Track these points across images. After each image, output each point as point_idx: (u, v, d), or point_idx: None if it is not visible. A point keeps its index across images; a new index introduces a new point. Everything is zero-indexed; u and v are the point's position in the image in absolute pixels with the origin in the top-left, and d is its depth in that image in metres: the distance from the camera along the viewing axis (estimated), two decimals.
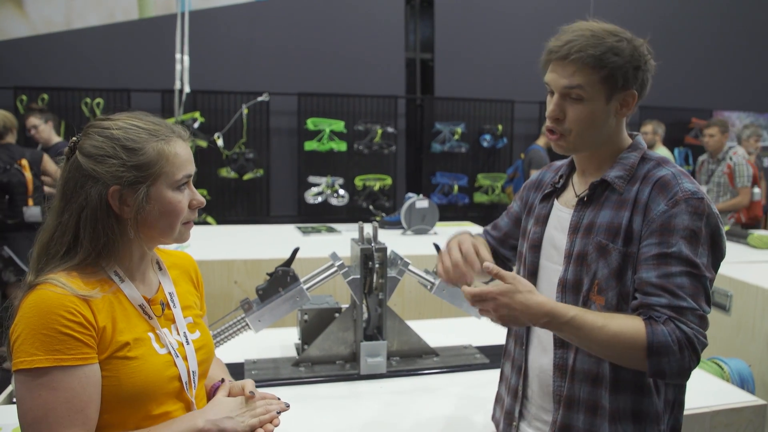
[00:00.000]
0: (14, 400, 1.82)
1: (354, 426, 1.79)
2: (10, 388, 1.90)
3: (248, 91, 6.17)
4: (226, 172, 6.09)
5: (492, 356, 2.25)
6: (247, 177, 6.13)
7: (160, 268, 1.31)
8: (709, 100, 7.75)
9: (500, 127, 6.88)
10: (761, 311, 3.01)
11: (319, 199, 6.35)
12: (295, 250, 2.19)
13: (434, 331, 2.44)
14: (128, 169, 1.15)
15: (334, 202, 6.37)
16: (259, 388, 1.33)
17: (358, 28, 6.68)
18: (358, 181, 6.51)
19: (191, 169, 1.23)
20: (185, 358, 1.23)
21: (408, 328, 2.25)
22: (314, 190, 6.35)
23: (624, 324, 1.26)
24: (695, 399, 1.86)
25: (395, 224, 4.53)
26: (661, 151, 5.94)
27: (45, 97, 5.78)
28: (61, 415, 1.06)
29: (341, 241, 4.02)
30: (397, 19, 6.84)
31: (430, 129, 6.82)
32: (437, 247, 2.34)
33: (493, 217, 1.95)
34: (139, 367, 1.15)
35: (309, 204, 6.39)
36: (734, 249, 4.07)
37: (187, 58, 5.59)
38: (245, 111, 6.15)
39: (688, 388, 1.45)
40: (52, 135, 4.98)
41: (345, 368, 2.15)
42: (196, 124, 5.88)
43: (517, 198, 1.71)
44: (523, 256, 1.57)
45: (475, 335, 2.48)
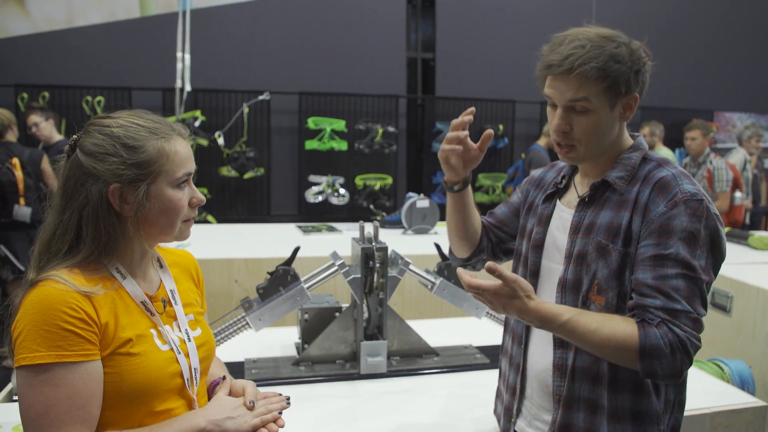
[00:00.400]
0: (14, 398, 1.82)
1: (354, 425, 1.79)
2: (9, 386, 1.91)
3: (249, 90, 6.17)
4: (227, 171, 6.09)
5: (492, 356, 2.25)
6: (247, 176, 6.13)
7: (161, 266, 1.31)
8: (710, 101, 7.75)
9: (501, 127, 6.87)
10: (762, 312, 3.01)
11: (320, 199, 6.35)
12: (296, 249, 2.19)
13: (434, 331, 2.44)
14: (128, 167, 1.15)
15: (335, 201, 6.37)
16: (259, 387, 1.33)
17: (360, 27, 6.68)
18: (359, 181, 6.51)
19: (191, 167, 1.23)
20: (187, 355, 1.23)
21: (408, 328, 2.26)
22: (315, 189, 6.35)
23: (617, 327, 1.26)
24: (695, 400, 1.86)
25: (396, 224, 4.53)
26: (663, 152, 5.94)
27: (46, 95, 5.78)
28: (62, 411, 1.06)
29: (342, 241, 4.02)
30: (399, 19, 6.84)
31: (431, 128, 6.82)
32: (438, 247, 2.34)
33: None
34: (142, 364, 1.15)
35: (309, 203, 6.38)
36: (735, 250, 4.07)
37: (188, 57, 5.59)
38: (246, 110, 6.15)
39: (688, 389, 1.45)
40: (53, 133, 4.95)
41: (345, 368, 2.15)
42: (197, 123, 5.88)
43: (518, 191, 1.70)
44: (524, 256, 1.57)
45: (476, 335, 2.48)
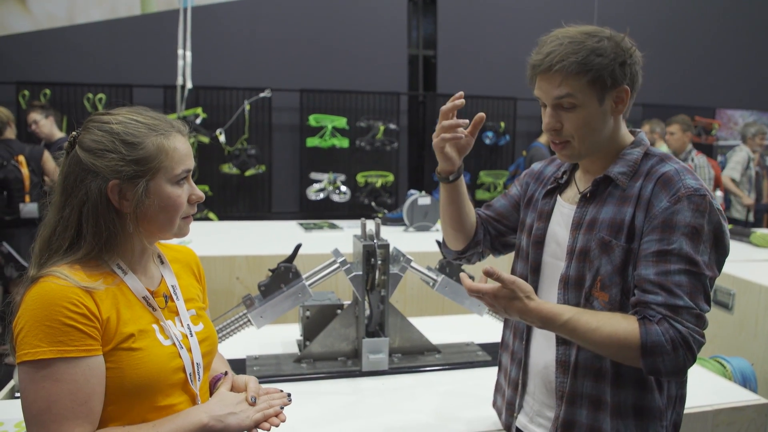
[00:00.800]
0: (16, 395, 1.82)
1: (355, 422, 1.79)
2: (11, 383, 1.91)
3: (250, 87, 6.16)
4: (228, 168, 6.08)
5: (494, 354, 2.25)
6: (249, 173, 6.13)
7: (162, 262, 1.31)
8: (713, 98, 7.73)
9: (503, 125, 6.87)
10: (764, 310, 3.00)
11: (321, 196, 6.34)
12: (298, 247, 2.19)
13: (436, 328, 2.44)
14: (127, 164, 1.15)
15: (336, 198, 6.37)
16: (261, 384, 1.33)
17: (361, 24, 6.67)
18: (360, 178, 6.51)
19: (190, 164, 1.23)
20: (189, 350, 1.23)
21: (410, 325, 2.25)
22: (316, 186, 6.35)
23: (618, 325, 1.26)
24: (697, 397, 1.85)
25: (397, 221, 4.53)
26: (664, 149, 5.92)
27: (47, 92, 5.78)
28: (64, 406, 1.06)
29: (343, 238, 4.02)
30: (400, 16, 6.83)
31: (433, 126, 6.78)
32: (440, 244, 2.34)
33: None
34: (144, 359, 1.15)
35: (311, 200, 6.38)
36: (737, 247, 4.06)
37: (189, 54, 5.58)
38: (247, 107, 6.14)
39: (690, 387, 1.45)
40: (54, 130, 4.93)
41: (347, 365, 2.15)
42: (198, 120, 5.88)
43: (517, 183, 1.69)
44: (525, 252, 1.56)
45: (477, 332, 2.48)
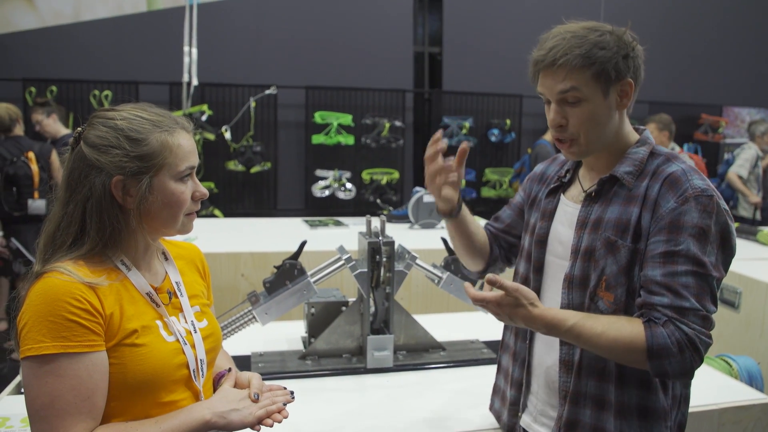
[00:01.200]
0: (22, 390, 1.83)
1: (360, 419, 1.79)
2: (17, 379, 1.91)
3: (256, 84, 6.16)
4: (234, 165, 6.09)
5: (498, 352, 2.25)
6: (254, 170, 6.13)
7: (166, 258, 1.31)
8: (719, 96, 7.69)
9: (508, 122, 6.85)
10: None
11: (326, 193, 6.35)
12: (303, 243, 2.19)
13: (441, 326, 2.43)
14: (131, 160, 1.15)
15: (341, 195, 6.37)
16: (265, 381, 1.33)
17: (367, 21, 6.66)
18: (366, 175, 6.50)
19: (194, 160, 1.23)
20: (193, 346, 1.23)
21: (415, 322, 2.25)
22: (321, 183, 6.35)
23: (623, 329, 1.26)
24: (703, 396, 1.85)
25: (402, 218, 4.52)
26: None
27: (54, 89, 5.80)
28: (67, 402, 1.07)
29: (348, 235, 4.02)
30: (406, 13, 6.82)
31: (438, 123, 6.80)
32: (445, 241, 2.34)
33: None
34: (147, 354, 1.15)
35: (316, 197, 6.38)
36: (743, 246, 4.05)
37: (195, 51, 5.59)
38: (253, 104, 6.15)
39: (696, 385, 1.45)
40: (59, 128, 4.93)
41: (352, 362, 2.15)
42: (204, 117, 5.89)
43: (521, 190, 1.70)
44: (527, 252, 1.56)
45: (482, 330, 2.47)
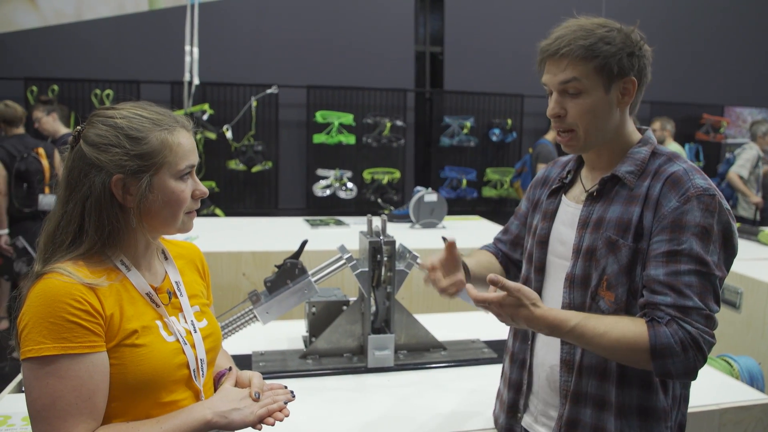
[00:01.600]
0: (23, 389, 1.83)
1: (361, 419, 1.79)
2: (18, 378, 1.91)
3: (257, 84, 6.17)
4: (235, 164, 6.09)
5: (499, 351, 2.24)
6: (255, 169, 6.13)
7: (166, 258, 1.31)
8: (721, 96, 7.69)
9: (509, 122, 6.85)
10: None
11: (328, 192, 6.35)
12: (304, 243, 2.19)
13: (442, 325, 2.43)
14: (131, 158, 1.15)
15: (343, 195, 6.37)
16: (266, 380, 1.33)
17: (368, 20, 6.67)
18: (367, 175, 6.50)
19: (194, 159, 1.23)
20: (193, 346, 1.23)
21: (416, 322, 2.25)
22: (322, 183, 6.35)
23: (626, 328, 1.25)
24: (704, 396, 1.84)
25: (403, 218, 4.52)
26: (672, 147, 5.88)
27: (55, 88, 5.80)
28: (68, 403, 1.07)
29: (349, 234, 4.02)
30: (407, 12, 6.82)
31: (439, 123, 6.80)
32: (445, 240, 2.34)
33: (501, 212, 1.95)
34: (148, 355, 1.15)
35: (317, 197, 6.39)
36: (745, 246, 4.03)
37: (196, 50, 5.59)
38: (254, 103, 6.15)
39: (696, 386, 1.45)
40: (58, 127, 4.89)
41: (352, 361, 2.15)
42: (205, 116, 5.90)
43: (525, 199, 1.70)
44: (529, 252, 1.56)
45: (483, 329, 2.47)
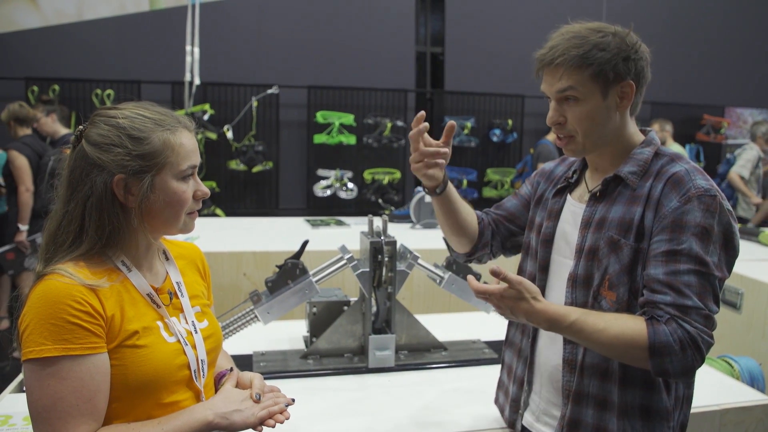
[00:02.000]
0: (24, 388, 1.83)
1: (362, 419, 1.79)
2: (20, 377, 1.91)
3: (258, 84, 6.17)
4: (236, 165, 6.09)
5: (500, 351, 2.24)
6: (256, 169, 6.13)
7: (167, 258, 1.31)
8: (722, 97, 7.68)
9: (510, 122, 6.85)
10: None
11: (328, 193, 6.35)
12: (305, 243, 2.19)
13: (443, 326, 2.43)
14: (133, 158, 1.15)
15: (343, 195, 6.37)
16: (266, 380, 1.33)
17: (369, 21, 6.67)
18: (367, 175, 6.50)
19: (196, 159, 1.23)
20: (194, 347, 1.23)
21: (416, 322, 2.25)
22: (323, 183, 6.35)
23: (625, 325, 1.26)
24: (705, 397, 1.85)
25: (404, 218, 4.52)
26: (674, 148, 5.87)
27: (56, 88, 5.80)
28: (69, 404, 1.07)
29: (350, 235, 4.02)
30: (408, 13, 6.82)
31: (440, 123, 6.80)
32: (447, 241, 2.34)
33: None
34: (149, 356, 1.15)
35: (318, 197, 6.39)
36: (745, 247, 4.00)
37: (197, 50, 5.60)
38: (255, 103, 6.15)
39: (697, 386, 1.45)
40: (57, 128, 4.86)
41: (353, 361, 2.15)
42: (206, 116, 5.89)
43: (527, 183, 1.69)
44: (533, 250, 1.56)
45: (484, 330, 2.47)
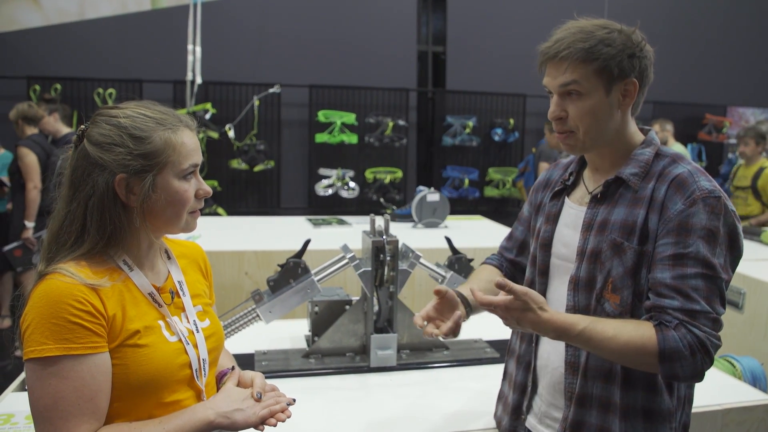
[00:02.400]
0: (26, 388, 1.83)
1: (364, 418, 1.79)
2: (22, 376, 1.92)
3: (260, 83, 6.17)
4: (237, 164, 6.10)
5: (502, 350, 2.24)
6: (257, 169, 6.14)
7: (169, 257, 1.31)
8: (724, 96, 7.68)
9: (512, 121, 6.85)
10: None
11: (330, 192, 6.35)
12: (307, 242, 2.19)
13: None
14: (135, 158, 1.15)
15: (345, 194, 6.37)
16: (268, 380, 1.33)
17: (371, 20, 6.67)
18: (369, 174, 6.51)
19: (198, 158, 1.22)
20: (195, 346, 1.23)
21: None
22: (325, 182, 6.35)
23: (634, 332, 1.25)
24: (707, 397, 1.84)
25: (406, 217, 4.52)
26: (676, 148, 5.86)
27: (58, 87, 5.81)
28: (70, 403, 1.07)
29: (352, 234, 4.01)
30: (410, 12, 6.82)
31: (442, 122, 6.80)
32: (449, 241, 2.34)
33: (503, 211, 1.94)
34: (150, 355, 1.15)
35: (319, 196, 6.39)
36: (747, 246, 3.96)
37: (199, 49, 5.60)
38: (257, 102, 6.15)
39: (699, 386, 1.44)
40: (59, 127, 4.85)
41: (355, 360, 2.15)
42: (208, 116, 5.90)
43: (527, 203, 1.69)
44: (532, 255, 1.55)
45: (486, 329, 2.47)
